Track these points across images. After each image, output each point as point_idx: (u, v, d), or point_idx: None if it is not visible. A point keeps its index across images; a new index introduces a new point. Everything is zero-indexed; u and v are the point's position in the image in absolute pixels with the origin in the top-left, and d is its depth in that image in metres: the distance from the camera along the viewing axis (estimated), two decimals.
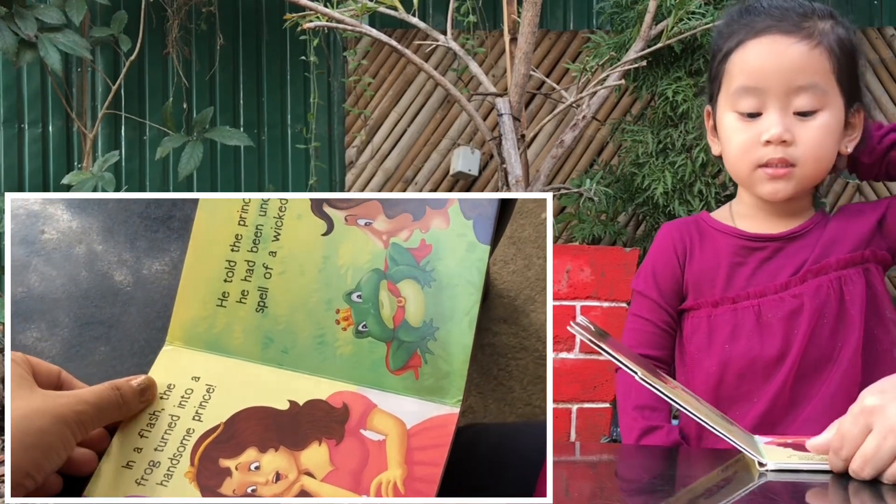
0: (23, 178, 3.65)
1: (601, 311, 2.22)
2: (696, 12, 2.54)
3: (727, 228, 1.10)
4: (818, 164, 1.02)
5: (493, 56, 3.63)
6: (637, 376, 0.77)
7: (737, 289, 1.06)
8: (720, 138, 1.09)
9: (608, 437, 2.34)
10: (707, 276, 1.09)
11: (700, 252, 1.10)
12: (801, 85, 0.99)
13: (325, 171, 3.69)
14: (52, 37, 3.20)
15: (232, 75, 3.72)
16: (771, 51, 1.00)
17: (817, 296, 1.03)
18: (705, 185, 2.76)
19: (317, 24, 2.32)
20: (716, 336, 1.07)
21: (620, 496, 0.73)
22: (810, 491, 0.69)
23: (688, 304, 1.10)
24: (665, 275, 1.12)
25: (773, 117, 1.00)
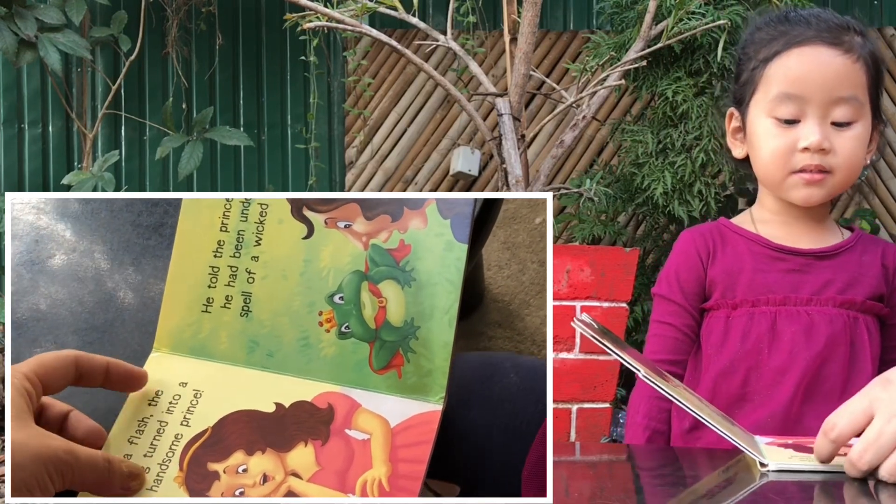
0: (23, 178, 3.65)
1: (601, 312, 2.22)
2: (696, 12, 2.53)
3: (751, 235, 1.11)
4: (850, 173, 1.05)
5: (493, 56, 3.63)
6: (640, 374, 0.78)
7: (757, 294, 1.08)
8: (750, 142, 1.10)
9: (608, 437, 2.34)
10: (729, 278, 1.10)
11: (722, 255, 1.11)
12: (842, 96, 1.01)
13: (325, 171, 3.69)
14: (52, 37, 3.21)
15: (232, 75, 3.72)
16: (814, 60, 1.02)
17: (833, 324, 1.06)
18: (705, 186, 2.76)
19: (317, 25, 2.32)
20: (729, 337, 1.08)
21: (620, 496, 0.73)
22: (813, 491, 0.69)
23: (709, 304, 1.12)
24: (689, 278, 1.12)
25: (813, 126, 1.02)
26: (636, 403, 1.15)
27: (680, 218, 2.77)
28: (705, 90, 2.80)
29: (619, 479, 0.83)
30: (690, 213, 2.75)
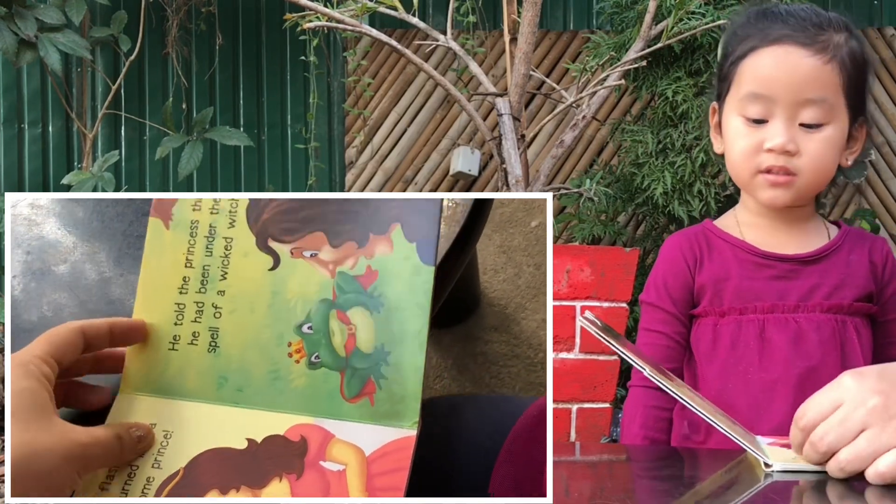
0: (23, 178, 3.64)
1: (601, 312, 2.22)
2: (696, 12, 2.54)
3: (736, 241, 1.10)
4: (818, 176, 1.03)
5: (493, 56, 3.63)
6: (646, 372, 0.78)
7: (744, 301, 1.07)
8: (725, 140, 1.09)
9: (608, 437, 2.34)
10: (716, 285, 1.09)
11: (709, 261, 1.10)
12: (810, 98, 0.99)
13: (324, 171, 3.69)
14: (52, 37, 3.20)
15: (232, 75, 3.72)
16: (784, 61, 1.00)
17: (821, 330, 1.05)
18: (705, 186, 2.76)
19: (317, 25, 2.32)
20: (719, 345, 1.08)
21: (620, 496, 0.73)
22: (825, 491, 0.69)
23: (698, 310, 1.11)
24: (676, 284, 1.11)
25: (779, 127, 1.00)
26: (631, 413, 1.13)
27: (680, 218, 2.77)
28: (705, 90, 2.80)
29: (619, 479, 0.83)
30: (690, 213, 2.75)
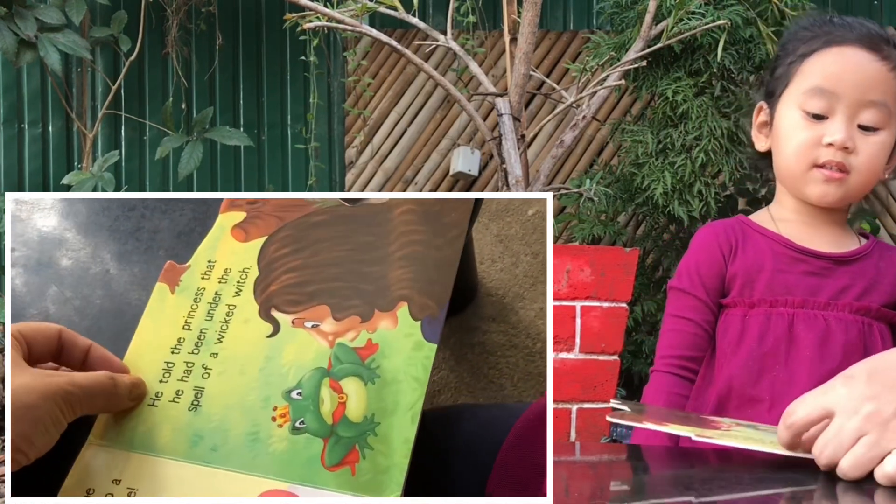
0: (23, 178, 3.64)
1: (601, 311, 2.22)
2: (696, 12, 2.53)
3: (772, 234, 1.11)
4: (869, 178, 1.05)
5: (493, 56, 3.63)
6: (693, 437, 0.76)
7: (775, 294, 1.08)
8: (776, 134, 1.10)
9: (608, 437, 2.34)
10: (748, 275, 1.10)
11: (743, 251, 1.12)
12: (873, 100, 1.02)
13: (324, 171, 3.69)
14: (52, 37, 3.20)
15: (232, 75, 3.72)
16: (851, 60, 1.03)
17: (848, 331, 1.06)
18: (705, 186, 2.76)
19: (317, 25, 2.32)
20: (746, 336, 1.08)
21: (620, 496, 0.73)
22: (822, 492, 0.69)
23: (727, 300, 1.11)
24: (710, 272, 1.12)
25: (840, 123, 1.02)
26: (654, 398, 1.13)
27: (680, 218, 2.77)
28: (705, 90, 2.80)
29: (619, 479, 0.83)
30: (690, 213, 2.75)
